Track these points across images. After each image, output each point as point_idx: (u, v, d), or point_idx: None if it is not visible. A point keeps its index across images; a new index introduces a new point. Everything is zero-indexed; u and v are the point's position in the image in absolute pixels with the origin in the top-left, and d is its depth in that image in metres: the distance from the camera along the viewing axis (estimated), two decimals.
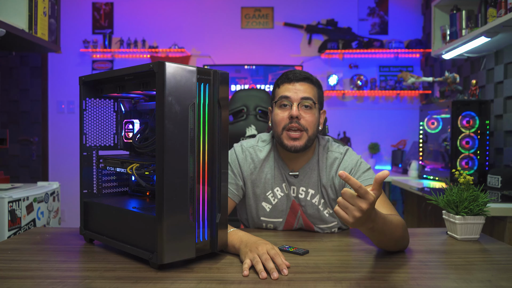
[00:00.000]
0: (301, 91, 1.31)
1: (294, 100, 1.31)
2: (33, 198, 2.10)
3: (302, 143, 1.30)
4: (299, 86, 1.32)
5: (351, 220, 0.93)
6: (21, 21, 2.25)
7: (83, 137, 1.26)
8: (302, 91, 1.31)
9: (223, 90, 1.07)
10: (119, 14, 4.17)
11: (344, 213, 0.93)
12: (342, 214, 0.93)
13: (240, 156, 1.39)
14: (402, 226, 1.12)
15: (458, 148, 2.58)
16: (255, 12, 4.12)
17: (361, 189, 0.90)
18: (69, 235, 1.34)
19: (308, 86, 1.33)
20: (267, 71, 4.01)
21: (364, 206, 0.91)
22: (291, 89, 1.32)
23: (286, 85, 1.34)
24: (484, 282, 0.91)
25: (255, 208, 1.40)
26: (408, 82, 3.22)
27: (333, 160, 1.37)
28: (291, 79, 1.33)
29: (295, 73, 1.34)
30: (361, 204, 0.91)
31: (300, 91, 1.31)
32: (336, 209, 0.94)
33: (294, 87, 1.32)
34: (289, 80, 1.33)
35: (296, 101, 1.31)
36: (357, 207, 0.91)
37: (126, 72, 1.09)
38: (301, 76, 1.33)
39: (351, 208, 0.92)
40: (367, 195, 0.90)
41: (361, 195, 0.91)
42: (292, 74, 1.34)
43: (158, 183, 0.97)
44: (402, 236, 1.12)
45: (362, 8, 4.08)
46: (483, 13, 2.39)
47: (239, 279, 0.94)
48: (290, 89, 1.32)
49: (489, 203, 1.30)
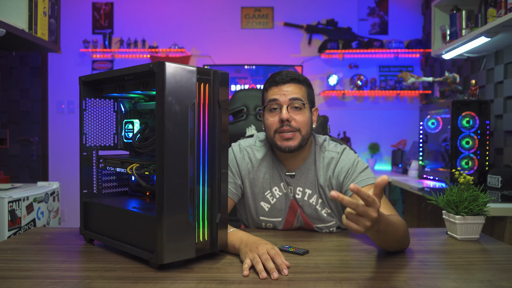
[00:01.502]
0: (289, 93, 1.30)
1: (283, 102, 1.30)
2: (33, 198, 2.10)
3: (296, 143, 1.30)
4: (286, 88, 1.31)
5: (362, 230, 0.91)
6: (21, 21, 2.25)
7: (83, 137, 1.26)
8: (290, 93, 1.30)
9: (223, 90, 1.07)
10: (119, 14, 4.16)
11: (355, 225, 0.90)
12: (354, 226, 0.90)
13: (238, 155, 1.40)
14: (404, 226, 1.12)
15: (458, 148, 2.58)
16: (255, 12, 4.12)
17: (369, 198, 0.88)
18: (69, 235, 1.34)
19: (296, 86, 1.32)
20: (267, 71, 4.01)
21: (374, 214, 0.89)
22: (278, 92, 1.31)
23: (274, 88, 1.33)
24: (484, 282, 0.91)
25: (254, 207, 1.40)
26: (408, 82, 3.22)
27: (330, 160, 1.37)
28: (277, 82, 1.32)
29: (281, 75, 1.33)
30: (371, 213, 0.89)
31: (288, 92, 1.30)
32: (346, 223, 0.91)
33: (282, 89, 1.31)
34: (276, 83, 1.33)
35: (285, 104, 1.30)
36: (367, 216, 0.89)
37: (126, 72, 1.09)
38: (288, 78, 1.32)
39: (361, 219, 0.90)
40: (375, 203, 0.89)
41: (369, 204, 0.89)
42: (278, 77, 1.33)
43: (158, 183, 0.97)
44: (404, 236, 1.12)
45: (362, 8, 4.08)
46: (483, 13, 2.39)
47: (239, 279, 0.94)
48: (278, 92, 1.31)
49: (489, 203, 1.30)
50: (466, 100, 2.61)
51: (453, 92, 3.06)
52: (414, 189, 2.65)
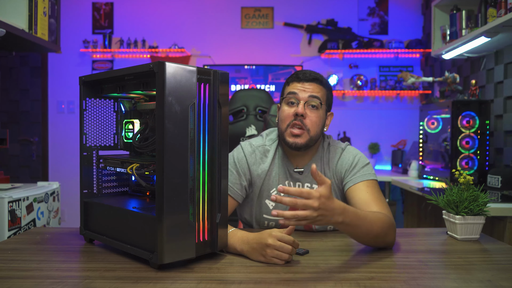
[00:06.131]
0: (309, 90, 1.34)
1: (301, 98, 1.33)
2: (33, 198, 2.10)
3: (303, 141, 1.32)
4: (307, 86, 1.35)
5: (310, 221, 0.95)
6: (21, 21, 2.25)
7: (83, 137, 1.26)
8: (310, 91, 1.34)
9: (223, 90, 1.07)
10: (119, 14, 4.16)
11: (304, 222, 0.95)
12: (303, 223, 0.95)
13: (250, 156, 1.40)
14: (382, 222, 1.13)
15: (458, 148, 2.58)
16: (255, 12, 4.12)
17: (302, 193, 0.93)
18: (69, 235, 1.33)
19: (317, 86, 1.36)
20: (267, 71, 4.01)
21: (315, 203, 0.93)
22: (299, 87, 1.35)
23: (295, 84, 1.37)
24: (484, 282, 0.91)
25: (259, 205, 1.41)
26: (408, 82, 3.22)
27: (334, 155, 1.41)
28: (300, 78, 1.36)
29: (305, 73, 1.37)
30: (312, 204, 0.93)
31: (309, 90, 1.34)
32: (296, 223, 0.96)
33: (303, 86, 1.35)
34: (299, 79, 1.36)
35: (303, 100, 1.33)
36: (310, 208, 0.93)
37: (126, 72, 1.09)
38: (311, 77, 1.36)
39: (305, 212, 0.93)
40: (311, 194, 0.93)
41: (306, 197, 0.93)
42: (302, 74, 1.37)
43: (158, 183, 0.97)
44: (383, 232, 1.13)
45: (362, 8, 4.08)
46: (483, 13, 2.39)
47: (239, 279, 0.94)
48: (299, 87, 1.35)
49: (489, 203, 1.30)
50: (466, 100, 2.61)
51: (453, 92, 3.06)
52: (414, 189, 2.65)
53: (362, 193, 1.29)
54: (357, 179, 1.32)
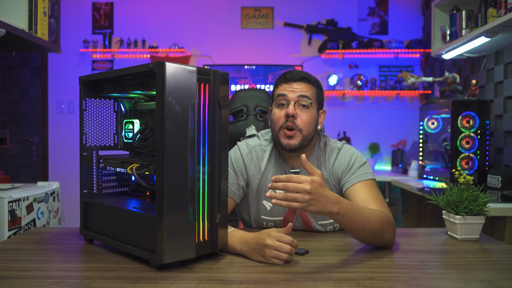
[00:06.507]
0: (298, 90, 1.34)
1: (291, 99, 1.33)
2: (33, 198, 2.10)
3: (296, 142, 1.32)
4: (296, 86, 1.34)
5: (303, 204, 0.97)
6: (21, 21, 2.25)
7: (83, 137, 1.26)
8: (299, 90, 1.34)
9: (223, 90, 1.07)
10: (119, 14, 4.16)
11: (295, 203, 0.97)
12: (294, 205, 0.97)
13: (247, 156, 1.40)
14: (379, 218, 1.13)
15: (458, 148, 2.58)
16: (255, 12, 4.12)
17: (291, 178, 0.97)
18: (69, 235, 1.33)
19: (306, 85, 1.35)
20: (267, 71, 4.01)
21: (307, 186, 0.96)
22: (288, 88, 1.35)
23: (284, 85, 1.36)
24: (484, 282, 0.91)
25: (257, 206, 1.40)
26: (408, 82, 3.22)
27: (331, 154, 1.40)
28: (288, 79, 1.36)
29: (292, 73, 1.36)
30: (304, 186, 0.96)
31: (297, 90, 1.34)
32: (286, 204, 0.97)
33: (292, 86, 1.35)
34: (287, 80, 1.36)
35: (293, 100, 1.33)
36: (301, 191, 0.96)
37: (126, 72, 1.09)
38: (299, 76, 1.35)
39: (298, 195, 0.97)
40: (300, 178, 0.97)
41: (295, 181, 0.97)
42: (289, 75, 1.36)
43: (158, 183, 0.97)
44: (380, 229, 1.13)
45: (362, 8, 4.08)
46: (483, 13, 2.39)
47: (239, 279, 0.94)
48: (287, 89, 1.35)
49: (489, 203, 1.30)
50: (466, 100, 2.61)
51: (453, 92, 3.06)
52: (414, 189, 2.65)
53: (361, 193, 1.29)
54: (355, 180, 1.32)
